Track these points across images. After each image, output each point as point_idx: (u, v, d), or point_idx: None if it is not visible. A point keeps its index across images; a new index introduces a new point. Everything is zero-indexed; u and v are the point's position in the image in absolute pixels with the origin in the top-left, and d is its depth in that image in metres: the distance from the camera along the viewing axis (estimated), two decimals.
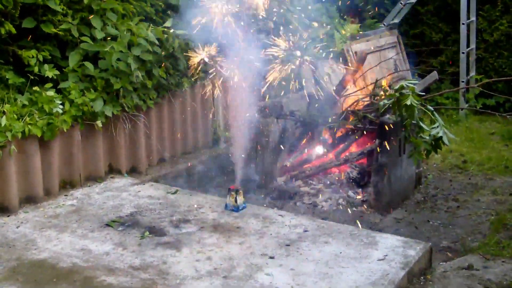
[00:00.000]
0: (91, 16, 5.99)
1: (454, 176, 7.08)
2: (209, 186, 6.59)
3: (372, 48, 9.08)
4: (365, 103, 6.61)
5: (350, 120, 6.37)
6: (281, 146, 6.52)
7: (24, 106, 5.47)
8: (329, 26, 9.25)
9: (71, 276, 4.10)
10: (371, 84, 7.16)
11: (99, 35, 5.99)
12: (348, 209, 5.90)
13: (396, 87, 5.60)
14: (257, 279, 4.05)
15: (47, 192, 5.56)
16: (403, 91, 5.48)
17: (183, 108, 6.99)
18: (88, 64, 5.88)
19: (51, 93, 5.55)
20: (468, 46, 9.60)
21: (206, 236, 4.73)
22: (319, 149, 6.62)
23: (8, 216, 5.14)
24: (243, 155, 5.90)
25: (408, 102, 5.36)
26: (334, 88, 6.68)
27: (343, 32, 9.41)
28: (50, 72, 5.71)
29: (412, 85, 5.51)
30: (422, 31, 10.57)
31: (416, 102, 5.40)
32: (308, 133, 6.62)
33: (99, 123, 5.84)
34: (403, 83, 5.57)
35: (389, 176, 5.86)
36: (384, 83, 6.82)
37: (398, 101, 5.51)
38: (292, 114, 6.60)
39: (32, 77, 5.67)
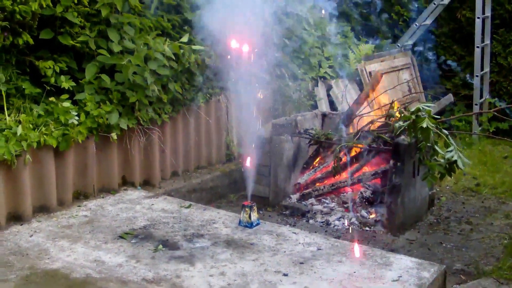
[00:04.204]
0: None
1: (467, 199, 7.05)
2: (222, 202, 6.56)
3: (387, 69, 9.11)
4: (380, 123, 6.61)
5: (365, 140, 6.37)
6: (295, 163, 6.51)
7: (39, 116, 5.49)
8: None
9: (85, 287, 4.08)
10: (385, 105, 7.17)
11: (116, 48, 6.01)
12: (361, 228, 5.89)
13: (412, 109, 5.60)
14: None
15: (60, 202, 5.56)
16: (419, 113, 5.48)
17: (197, 123, 6.99)
18: (105, 77, 5.90)
19: (67, 104, 5.57)
20: (482, 69, 9.61)
21: (219, 251, 4.71)
22: None
23: (21, 224, 5.14)
24: (256, 172, 5.89)
25: (424, 125, 5.36)
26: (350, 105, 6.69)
27: (357, 52, 9.47)
28: (66, 83, 5.73)
29: (428, 108, 5.51)
30: (436, 53, 10.57)
31: (432, 125, 5.39)
32: (322, 151, 6.62)
33: (114, 135, 5.85)
34: (420, 105, 5.58)
35: (402, 197, 5.83)
36: (398, 104, 6.83)
37: (414, 123, 5.51)
38: (306, 132, 6.60)
39: (48, 88, 5.69)
